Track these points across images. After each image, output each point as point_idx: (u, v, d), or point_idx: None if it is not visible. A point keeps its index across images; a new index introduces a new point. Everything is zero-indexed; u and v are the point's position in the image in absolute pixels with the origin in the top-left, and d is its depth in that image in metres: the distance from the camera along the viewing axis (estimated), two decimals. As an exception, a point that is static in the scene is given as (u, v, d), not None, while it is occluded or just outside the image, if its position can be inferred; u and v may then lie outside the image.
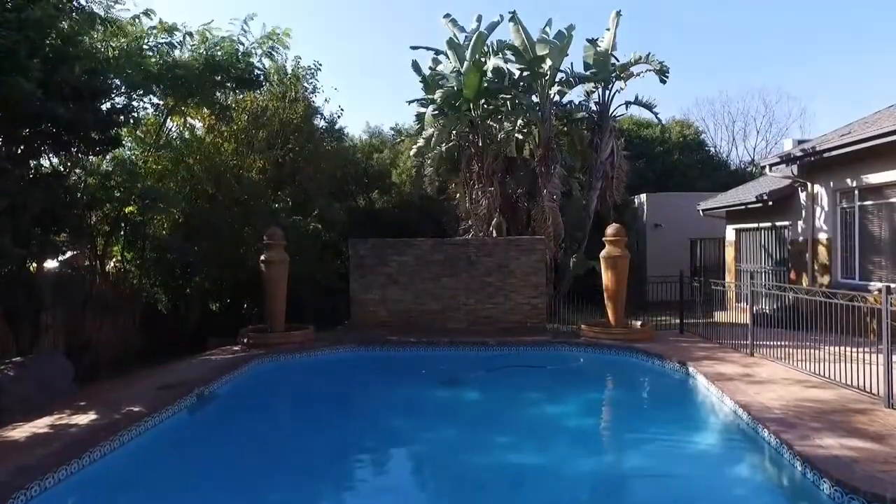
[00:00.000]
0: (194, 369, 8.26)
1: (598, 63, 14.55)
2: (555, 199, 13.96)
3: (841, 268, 11.45)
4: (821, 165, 11.74)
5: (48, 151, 9.10)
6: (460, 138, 14.87)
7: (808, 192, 12.45)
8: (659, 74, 14.12)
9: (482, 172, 14.32)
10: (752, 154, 33.75)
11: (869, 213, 10.96)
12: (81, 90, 7.44)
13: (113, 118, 8.70)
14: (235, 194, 12.98)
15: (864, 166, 10.70)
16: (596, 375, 9.45)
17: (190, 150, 12.95)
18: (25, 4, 6.29)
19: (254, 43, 11.62)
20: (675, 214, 18.29)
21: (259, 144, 14.05)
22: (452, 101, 13.93)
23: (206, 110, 12.71)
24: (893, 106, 12.25)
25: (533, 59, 13.92)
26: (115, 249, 12.11)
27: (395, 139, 22.03)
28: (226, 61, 11.07)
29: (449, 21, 15.18)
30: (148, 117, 12.23)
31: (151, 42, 10.83)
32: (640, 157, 20.82)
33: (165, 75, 10.54)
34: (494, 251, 11.85)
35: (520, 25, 14.09)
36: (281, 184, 14.90)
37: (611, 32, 14.75)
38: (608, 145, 14.61)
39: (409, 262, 11.86)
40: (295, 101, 15.03)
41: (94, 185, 10.55)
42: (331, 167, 15.81)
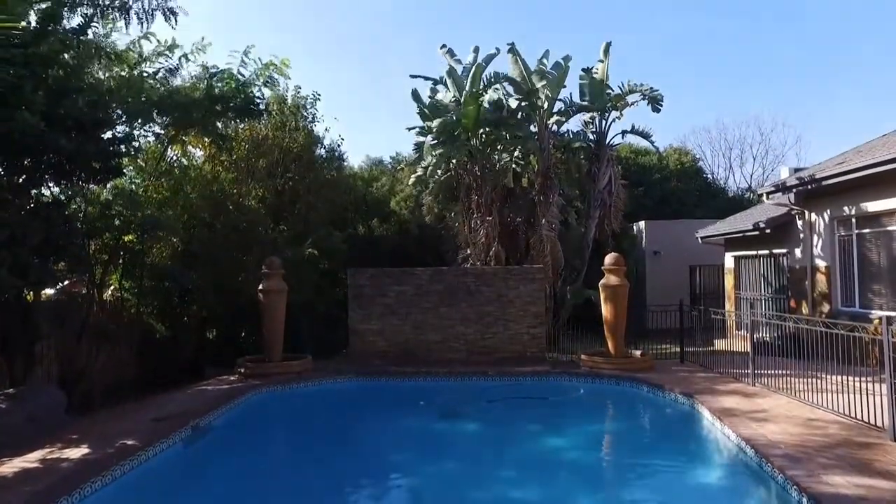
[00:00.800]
0: (190, 400, 8.14)
1: (593, 93, 14.77)
2: (553, 228, 14.00)
3: (841, 296, 11.42)
4: (817, 194, 11.81)
5: (49, 181, 9.14)
6: (459, 168, 14.98)
7: (805, 220, 12.50)
8: (652, 103, 14.31)
9: (481, 201, 14.38)
10: (749, 181, 34.06)
11: (867, 241, 10.99)
12: (83, 121, 7.51)
13: (114, 148, 8.76)
14: (235, 223, 13.00)
15: (860, 195, 10.77)
16: (597, 407, 9.32)
17: (189, 179, 13.02)
18: (32, 40, 6.39)
19: (254, 73, 11.78)
20: (674, 242, 18.33)
21: (259, 173, 14.14)
22: (451, 130, 14.07)
23: (206, 139, 12.83)
24: (887, 135, 12.40)
25: (531, 90, 14.13)
26: (114, 278, 12.07)
27: (394, 168, 22.21)
28: (226, 92, 11.22)
29: (446, 52, 15.45)
30: (149, 146, 12.33)
31: (151, 68, 11.02)
32: (637, 185, 20.96)
33: (166, 103, 10.66)
34: (493, 280, 11.82)
35: (518, 56, 14.34)
36: (280, 212, 14.94)
37: (604, 63, 15.01)
38: (606, 174, 14.72)
39: (408, 291, 11.81)
40: (295, 130, 15.19)
41: (94, 214, 10.57)
42: (331, 195, 15.88)
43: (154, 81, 10.85)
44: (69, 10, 8.89)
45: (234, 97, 11.32)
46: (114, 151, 8.64)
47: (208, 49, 11.24)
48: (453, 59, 15.25)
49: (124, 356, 10.84)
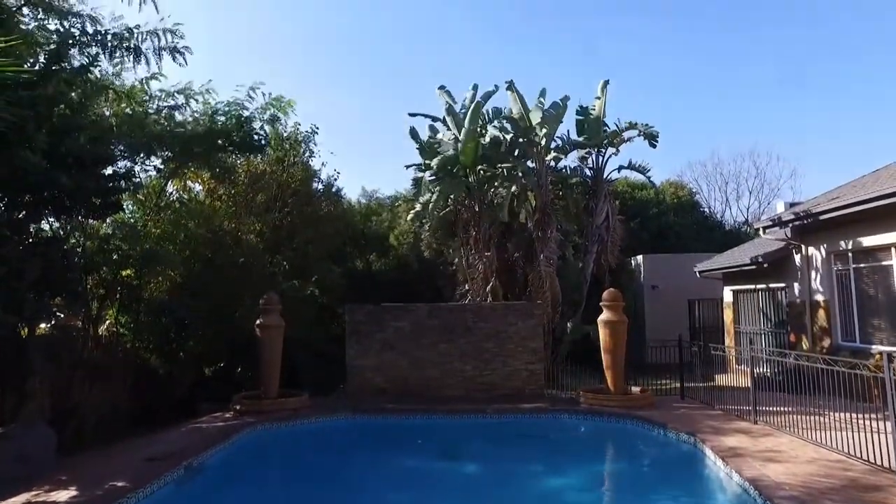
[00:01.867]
0: (183, 438, 7.99)
1: (590, 129, 15.01)
2: (551, 264, 14.03)
3: (841, 330, 11.37)
4: (813, 228, 11.89)
5: (49, 216, 9.19)
6: (457, 204, 15.09)
7: (802, 255, 12.55)
8: (649, 140, 14.54)
9: (479, 237, 14.44)
10: (745, 214, 34.33)
11: (864, 276, 11.01)
12: (85, 158, 7.59)
13: (114, 184, 8.83)
14: (233, 258, 13.01)
15: (855, 229, 10.84)
16: (598, 446, 9.16)
17: (189, 214, 13.09)
18: (39, 81, 6.52)
19: (257, 108, 11.98)
20: (672, 276, 18.34)
21: (257, 208, 14.23)
22: (450, 167, 14.24)
23: (206, 174, 12.96)
24: (879, 170, 12.57)
25: (528, 127, 14.36)
26: (110, 313, 12.00)
27: (392, 202, 22.37)
28: (228, 126, 11.37)
29: (444, 92, 15.76)
30: (150, 180, 12.43)
31: (156, 105, 11.20)
32: (635, 219, 21.09)
33: (168, 137, 10.79)
34: (491, 316, 11.77)
35: (516, 94, 14.61)
36: (278, 246, 14.97)
37: (601, 100, 15.30)
38: (603, 209, 14.84)
39: (406, 327, 11.74)
40: (293, 165, 15.35)
41: (93, 249, 10.59)
42: (328, 230, 15.94)
43: (158, 117, 11.02)
44: (78, 50, 9.11)
45: (235, 132, 11.47)
46: (114, 187, 8.71)
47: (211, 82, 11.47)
48: (451, 99, 15.55)
49: (118, 392, 10.67)
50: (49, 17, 9.37)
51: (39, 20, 9.27)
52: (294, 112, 12.64)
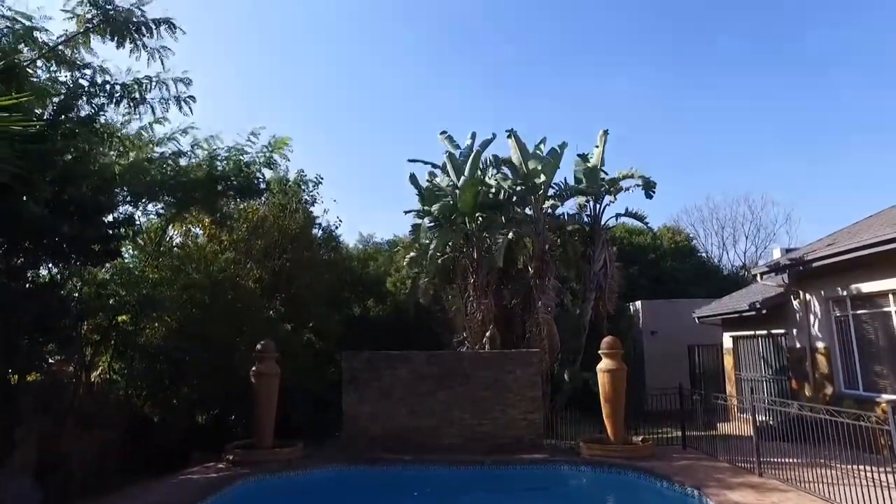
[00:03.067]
0: (174, 490, 7.78)
1: (588, 178, 15.23)
2: (549, 311, 13.98)
3: (843, 378, 11.24)
4: (810, 274, 11.91)
5: (47, 262, 9.19)
6: (455, 250, 15.16)
7: (800, 301, 12.53)
8: (646, 189, 14.74)
9: (477, 284, 14.44)
10: (742, 259, 34.44)
11: (864, 322, 10.95)
12: (87, 207, 7.67)
13: (114, 231, 8.89)
14: (231, 303, 12.95)
15: (852, 275, 10.86)
16: (600, 499, 8.92)
17: (189, 259, 13.11)
18: (45, 133, 6.65)
19: (259, 152, 12.11)
20: (671, 321, 18.25)
21: (257, 253, 14.27)
22: (448, 213, 14.37)
23: (207, 218, 13.03)
24: (872, 216, 12.71)
25: (527, 174, 14.57)
26: (103, 359, 11.85)
27: (390, 247, 22.48)
28: (229, 170, 11.50)
29: (445, 138, 16.09)
30: (150, 224, 12.49)
31: (159, 150, 11.36)
32: (632, 264, 21.16)
33: (170, 183, 10.89)
34: (489, 364, 11.63)
35: (516, 141, 14.89)
36: (276, 292, 14.94)
37: (599, 149, 15.60)
38: (601, 256, 14.89)
39: (403, 375, 11.59)
40: (295, 211, 15.49)
41: (90, 294, 10.55)
42: (327, 276, 15.95)
43: (160, 162, 11.15)
44: (86, 100, 9.34)
45: (235, 176, 11.59)
46: (114, 235, 8.76)
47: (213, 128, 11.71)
48: (452, 144, 15.85)
49: (109, 442, 10.42)
50: (61, 70, 9.65)
51: (52, 72, 9.54)
52: (290, 150, 12.70)
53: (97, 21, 9.06)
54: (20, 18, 8.50)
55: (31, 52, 8.83)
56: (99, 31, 9.20)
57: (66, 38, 9.10)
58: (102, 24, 9.08)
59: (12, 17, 8.46)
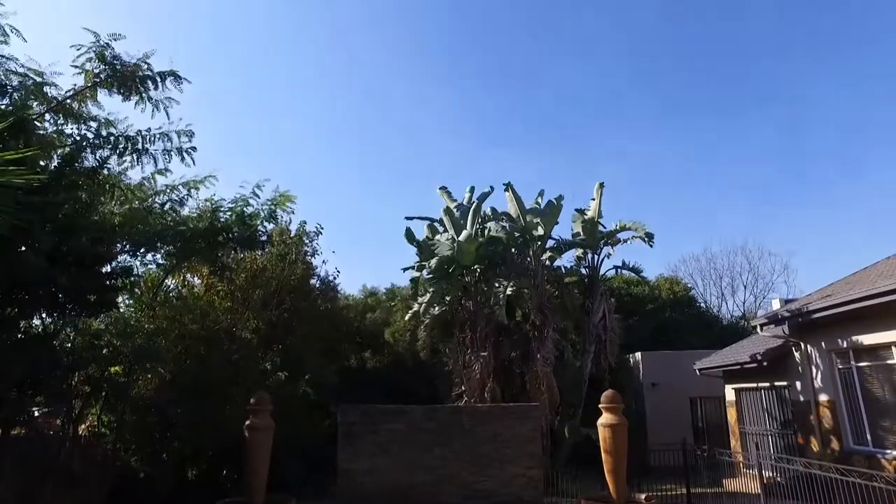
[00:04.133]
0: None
1: (586, 230, 15.35)
2: (549, 364, 13.83)
3: (851, 432, 10.97)
4: (810, 326, 11.84)
5: (41, 313, 9.10)
6: (453, 303, 15.11)
7: (802, 352, 12.41)
8: (644, 240, 14.82)
9: (475, 337, 14.32)
10: (742, 309, 34.34)
11: (868, 375, 10.80)
12: (86, 258, 7.66)
13: (111, 282, 8.84)
14: (227, 354, 12.77)
15: (853, 327, 10.79)
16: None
17: (186, 310, 13.00)
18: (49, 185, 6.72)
19: (263, 205, 12.18)
20: (672, 373, 17.99)
21: (255, 304, 14.19)
22: (447, 267, 14.39)
23: (205, 268, 13.01)
24: (868, 268, 12.76)
25: (525, 227, 14.70)
26: (93, 412, 11.56)
27: (388, 297, 22.40)
28: (230, 222, 11.55)
29: (444, 193, 16.31)
30: (148, 274, 12.45)
31: (161, 200, 11.44)
32: (632, 315, 21.06)
33: (170, 233, 10.91)
34: (488, 419, 11.38)
35: (514, 194, 15.10)
36: (273, 343, 14.76)
37: (596, 202, 15.80)
38: (599, 309, 14.84)
39: (401, 429, 11.31)
40: (294, 262, 15.51)
41: (82, 345, 10.38)
42: (324, 327, 15.82)
43: (162, 212, 11.22)
44: (90, 151, 9.50)
45: (237, 227, 11.63)
46: (111, 285, 8.71)
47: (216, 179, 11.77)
48: (450, 199, 16.05)
49: (93, 500, 10.04)
50: (67, 122, 9.87)
51: (58, 125, 9.75)
52: (294, 205, 12.83)
53: (105, 75, 9.34)
54: (31, 74, 8.78)
55: (39, 106, 9.07)
56: (106, 85, 9.46)
57: (74, 93, 9.36)
58: (110, 77, 9.35)
59: (24, 73, 8.74)
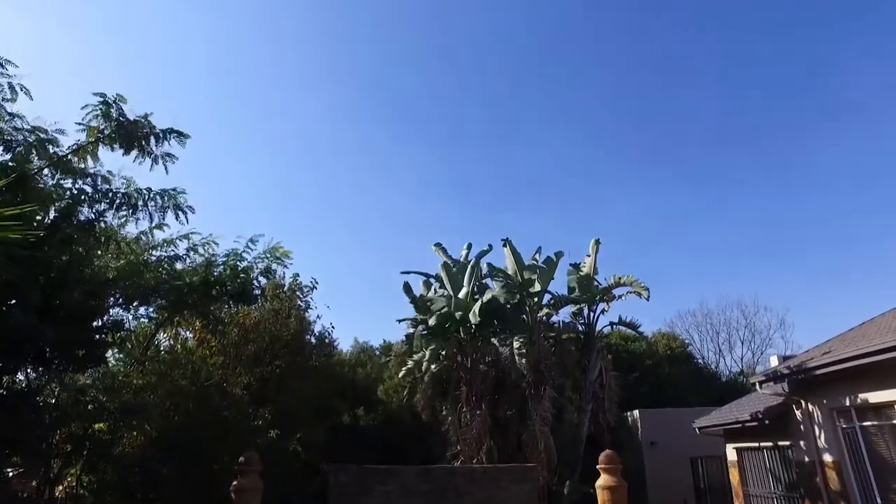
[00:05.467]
0: None
1: (582, 286, 15.31)
2: (546, 423, 13.52)
3: (860, 496, 10.56)
4: (810, 383, 11.61)
5: (26, 368, 8.87)
6: (449, 360, 14.89)
7: (803, 411, 12.15)
8: (639, 295, 14.78)
9: (471, 395, 14.04)
10: (740, 365, 33.98)
11: (873, 435, 10.50)
12: (77, 313, 7.56)
13: (101, 336, 8.69)
14: (217, 411, 12.43)
15: (855, 384, 10.58)
16: None
17: (177, 365, 12.74)
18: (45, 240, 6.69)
19: (257, 258, 12.12)
20: (671, 431, 17.59)
21: (247, 359, 13.94)
22: (443, 323, 14.27)
23: (198, 322, 12.83)
24: (866, 323, 12.69)
25: (522, 284, 14.66)
26: (72, 472, 11.09)
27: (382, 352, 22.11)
28: (224, 276, 11.48)
29: (440, 249, 16.36)
30: (139, 327, 12.26)
31: (156, 254, 11.40)
32: (629, 371, 20.80)
33: (164, 287, 10.81)
34: (484, 480, 11.00)
35: (511, 250, 15.14)
36: (264, 399, 14.40)
37: (591, 258, 15.83)
38: (596, 366, 14.64)
39: (393, 491, 10.89)
40: (288, 317, 15.35)
41: (67, 401, 10.07)
42: (317, 384, 15.52)
43: (156, 266, 11.16)
44: (87, 205, 9.54)
45: (230, 282, 11.55)
46: (100, 340, 8.56)
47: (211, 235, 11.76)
48: (446, 256, 16.09)
49: (66, 569, 9.48)
50: (65, 177, 9.95)
51: (57, 179, 9.83)
52: (290, 261, 12.81)
53: (109, 132, 9.50)
54: (36, 132, 8.94)
55: (40, 161, 9.18)
56: (109, 141, 9.61)
57: (76, 148, 9.49)
58: (113, 134, 9.51)
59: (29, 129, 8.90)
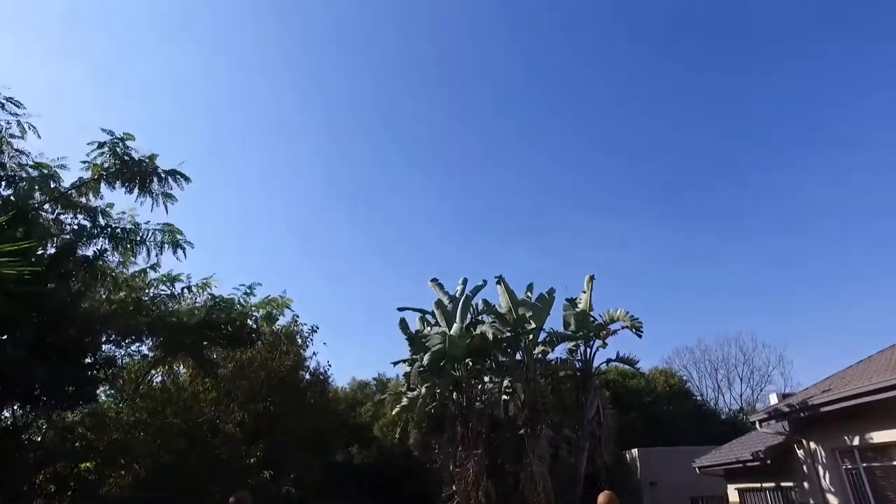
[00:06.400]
0: None
1: (578, 322, 15.18)
2: (543, 462, 13.21)
3: (870, 541, 10.27)
4: (811, 422, 11.41)
5: (13, 405, 8.66)
6: (445, 398, 14.68)
7: (805, 450, 11.93)
8: (634, 331, 14.68)
9: (467, 433, 13.78)
10: (739, 402, 33.52)
11: (878, 476, 10.24)
12: (69, 350, 7.44)
13: (93, 373, 8.54)
14: (209, 449, 12.15)
15: (857, 424, 10.34)
16: None
17: (169, 402, 12.51)
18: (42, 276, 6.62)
19: (255, 305, 12.07)
20: (671, 470, 17.24)
21: (241, 396, 13.71)
22: (438, 360, 14.10)
23: (192, 362, 12.65)
24: (864, 361, 12.57)
25: (517, 321, 14.53)
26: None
27: (378, 387, 21.82)
28: (221, 319, 11.39)
29: (435, 285, 16.29)
30: (132, 363, 12.08)
31: (152, 292, 11.31)
32: (628, 408, 20.54)
33: (159, 325, 10.70)
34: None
35: (505, 287, 15.07)
36: (258, 436, 14.11)
37: (587, 294, 15.76)
38: (594, 403, 14.40)
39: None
40: (285, 354, 15.16)
41: (54, 439, 9.83)
42: (312, 421, 15.24)
43: (152, 304, 11.07)
44: (87, 240, 9.52)
45: (228, 325, 11.44)
46: (92, 377, 8.41)
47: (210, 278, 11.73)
48: (442, 291, 16.01)
49: None
50: (66, 212, 9.96)
51: (58, 214, 9.84)
52: (291, 310, 12.85)
53: (114, 170, 9.56)
54: (40, 167, 9.01)
55: (42, 196, 9.21)
56: (111, 179, 9.67)
57: (78, 185, 9.54)
58: (117, 172, 9.57)
59: (33, 166, 8.97)
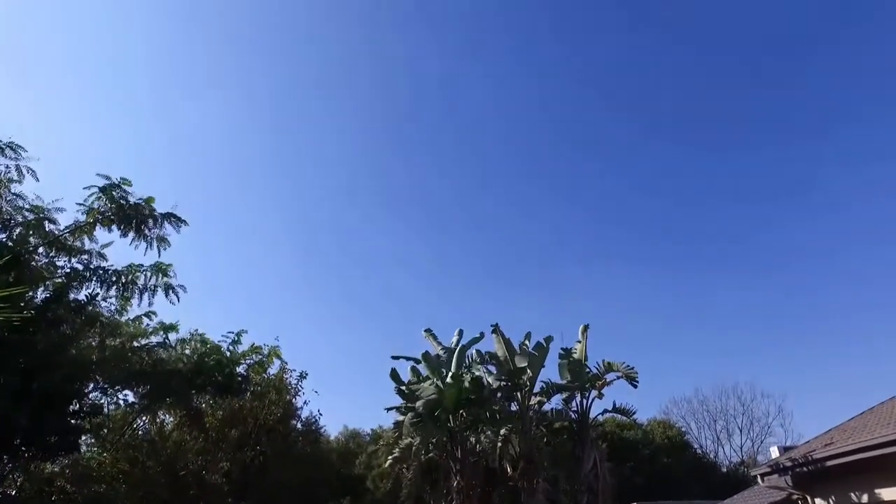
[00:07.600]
0: None
1: (573, 372, 14.91)
2: (540, 517, 12.75)
3: None
4: (814, 476, 11.12)
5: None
6: (439, 448, 14.26)
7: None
8: (629, 380, 14.43)
9: (462, 485, 13.33)
10: (740, 454, 32.77)
11: (892, 538, 9.90)
12: (55, 397, 7.24)
13: (77, 422, 8.28)
14: (193, 501, 11.70)
15: (863, 478, 10.03)
16: None
17: (153, 451, 12.14)
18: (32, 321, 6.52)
19: (245, 353, 11.96)
20: (672, 526, 16.67)
21: (229, 444, 13.31)
22: (432, 410, 13.80)
23: (180, 409, 12.36)
24: (865, 413, 12.37)
25: (513, 371, 14.28)
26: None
27: (372, 438, 21.27)
28: (212, 368, 11.23)
29: (430, 335, 16.06)
30: (118, 412, 11.79)
31: (144, 340, 11.16)
32: (626, 461, 20.02)
33: (147, 372, 10.51)
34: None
35: (501, 337, 14.88)
36: (246, 488, 13.60)
37: (582, 344, 15.53)
38: (591, 456, 13.97)
39: None
40: (275, 402, 14.80)
41: (30, 492, 9.44)
42: (302, 470, 14.74)
43: (142, 352, 10.92)
44: (79, 283, 9.43)
45: (217, 373, 11.27)
46: (76, 426, 8.14)
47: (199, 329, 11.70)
48: (436, 342, 15.77)
49: None
50: (60, 255, 9.91)
51: (51, 257, 9.78)
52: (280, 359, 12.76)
53: (110, 213, 9.57)
54: (35, 211, 9.01)
55: (36, 240, 9.18)
56: (107, 222, 9.67)
57: (74, 228, 9.53)
58: (113, 215, 9.58)
59: (29, 209, 8.98)
